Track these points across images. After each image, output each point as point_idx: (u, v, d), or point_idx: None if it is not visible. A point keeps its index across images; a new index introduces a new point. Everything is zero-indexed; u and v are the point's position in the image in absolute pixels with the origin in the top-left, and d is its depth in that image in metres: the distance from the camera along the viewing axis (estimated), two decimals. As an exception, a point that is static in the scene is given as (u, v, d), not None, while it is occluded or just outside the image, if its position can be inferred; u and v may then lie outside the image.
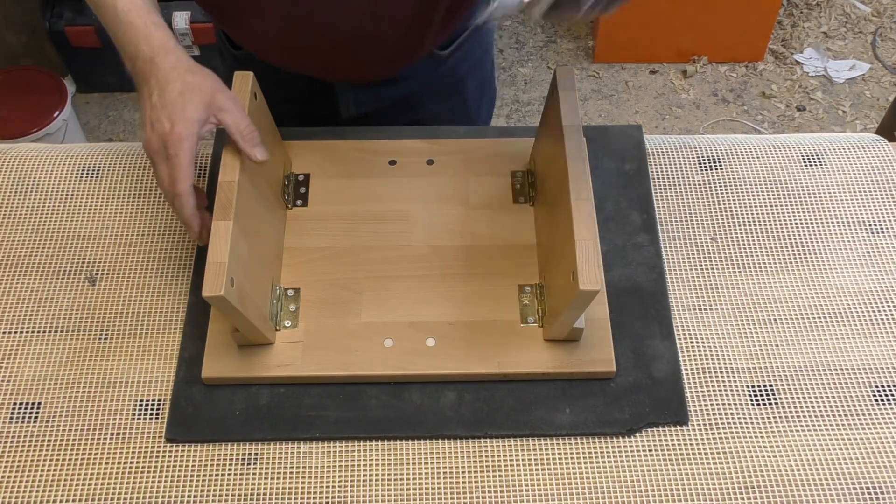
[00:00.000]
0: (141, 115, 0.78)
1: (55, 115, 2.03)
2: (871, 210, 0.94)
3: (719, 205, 0.94)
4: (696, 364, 0.83)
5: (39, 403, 0.81)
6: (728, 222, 0.93)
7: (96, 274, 0.89)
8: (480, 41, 1.11)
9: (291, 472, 0.77)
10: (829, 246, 0.91)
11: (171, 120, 0.74)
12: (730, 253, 0.91)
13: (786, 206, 0.94)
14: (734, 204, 0.95)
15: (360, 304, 0.85)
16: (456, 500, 0.75)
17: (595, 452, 0.78)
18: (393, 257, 0.88)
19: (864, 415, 0.80)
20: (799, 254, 0.90)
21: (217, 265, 0.70)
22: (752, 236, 0.92)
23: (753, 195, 0.95)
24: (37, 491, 0.76)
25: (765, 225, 0.93)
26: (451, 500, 0.75)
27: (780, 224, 0.93)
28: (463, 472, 0.77)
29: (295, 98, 1.07)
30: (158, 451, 0.78)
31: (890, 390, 0.82)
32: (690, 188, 0.96)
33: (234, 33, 1.02)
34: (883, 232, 0.92)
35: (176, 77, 0.76)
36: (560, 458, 0.78)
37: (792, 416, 0.80)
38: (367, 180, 0.94)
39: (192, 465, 0.77)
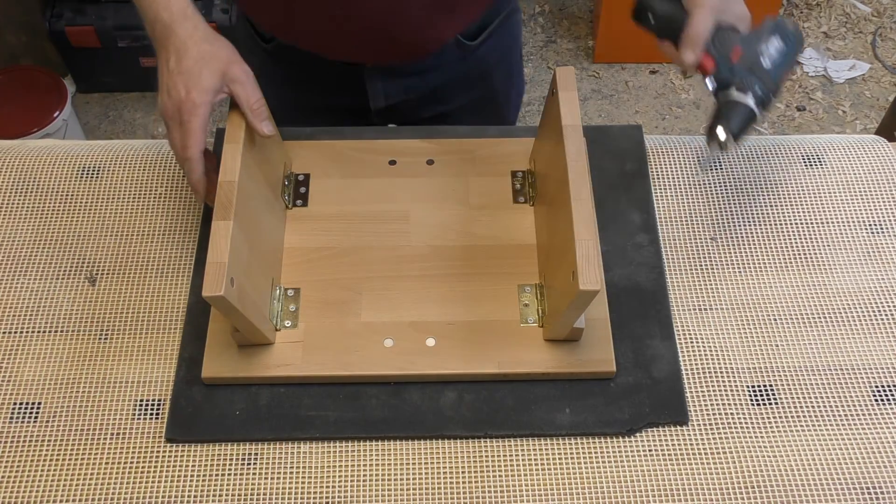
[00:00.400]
0: (158, 80, 0.80)
1: (55, 115, 2.03)
2: (871, 210, 0.94)
3: (719, 205, 0.94)
4: (696, 364, 0.83)
5: (39, 403, 0.81)
6: (728, 222, 0.93)
7: (96, 274, 0.89)
8: (509, 31, 1.10)
9: (291, 472, 0.77)
10: (829, 246, 0.91)
11: (187, 87, 0.76)
12: (730, 253, 0.91)
13: (786, 206, 0.94)
14: (734, 204, 0.95)
15: (360, 304, 0.85)
16: (456, 500, 0.75)
17: (595, 452, 0.78)
18: (393, 257, 0.88)
19: (864, 415, 0.80)
20: (799, 254, 0.91)
21: (217, 265, 0.70)
22: (752, 236, 0.92)
23: (753, 195, 0.95)
24: (37, 491, 0.76)
25: (765, 225, 0.93)
26: (451, 500, 0.75)
27: (781, 224, 0.93)
28: (463, 472, 0.77)
29: (325, 89, 1.07)
30: (158, 451, 0.78)
31: (890, 390, 0.82)
32: (690, 188, 0.96)
33: (260, 17, 1.02)
34: (883, 232, 0.92)
35: (193, 45, 0.78)
36: (560, 458, 0.78)
37: (792, 416, 0.80)
38: (367, 180, 0.94)
39: (192, 465, 0.77)
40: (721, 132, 0.80)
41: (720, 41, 0.82)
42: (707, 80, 0.84)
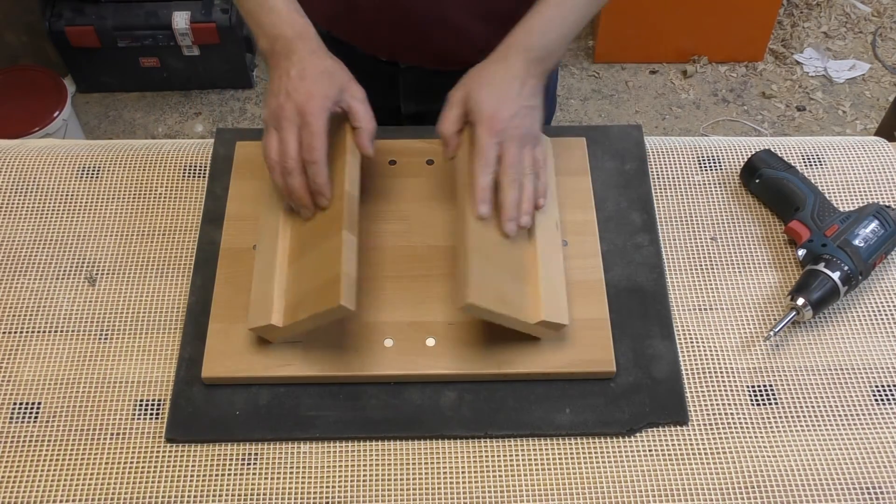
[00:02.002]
0: (271, 87, 0.82)
1: (55, 115, 2.03)
2: (871, 210, 0.94)
3: (719, 205, 0.94)
4: (696, 364, 0.83)
5: (39, 403, 0.81)
6: (728, 222, 0.93)
7: (96, 274, 0.89)
8: None
9: (291, 472, 0.77)
10: (829, 246, 0.91)
11: (310, 93, 0.79)
12: (730, 253, 0.91)
13: (786, 206, 0.94)
14: (734, 204, 0.95)
15: (360, 304, 0.84)
16: (456, 500, 0.75)
17: (595, 452, 0.78)
18: (393, 257, 0.88)
19: (864, 415, 0.80)
20: (799, 254, 0.90)
21: (348, 276, 0.74)
22: (752, 236, 0.92)
23: (754, 195, 0.95)
24: (37, 491, 0.76)
25: (765, 225, 0.93)
26: (451, 500, 0.75)
27: (781, 224, 0.93)
28: (463, 472, 0.77)
29: (360, 83, 1.07)
30: (158, 451, 0.78)
31: (890, 390, 0.82)
32: (690, 188, 0.96)
33: (305, 8, 1.03)
34: (883, 232, 0.92)
35: (318, 59, 0.82)
36: (560, 458, 0.78)
37: (792, 416, 0.80)
38: (367, 180, 0.94)
39: (192, 465, 0.77)
40: (801, 301, 0.83)
41: (819, 216, 0.87)
42: (799, 250, 0.87)
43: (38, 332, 0.85)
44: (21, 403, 0.81)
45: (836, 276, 0.83)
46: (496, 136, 0.78)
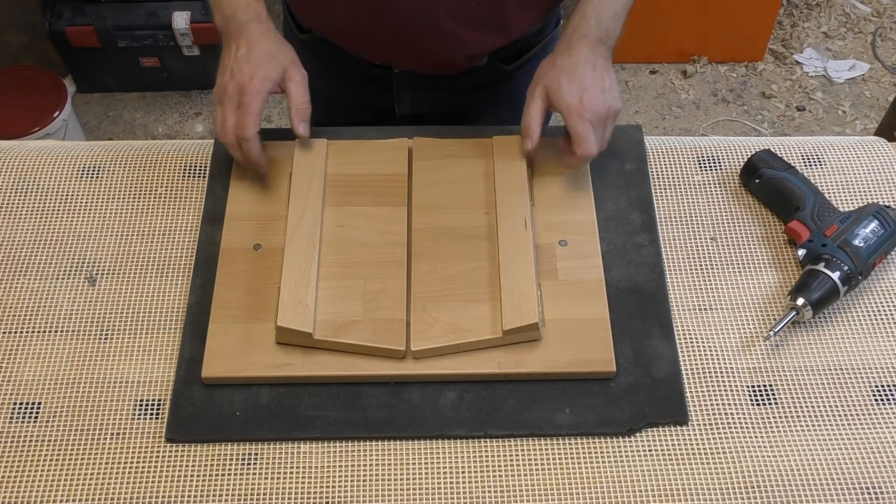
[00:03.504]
0: (220, 64, 0.89)
1: (55, 115, 2.03)
2: (871, 210, 0.94)
3: (719, 205, 0.94)
4: (696, 364, 0.83)
5: (39, 403, 0.81)
6: (728, 222, 0.93)
7: (96, 274, 0.89)
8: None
9: (291, 472, 0.77)
10: (829, 246, 0.91)
11: (252, 73, 0.85)
12: (730, 253, 0.91)
13: (786, 206, 0.94)
14: (734, 204, 0.95)
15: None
16: (456, 500, 0.75)
17: (595, 452, 0.78)
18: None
19: (864, 415, 0.80)
20: (799, 254, 0.90)
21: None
22: (752, 236, 0.92)
23: (753, 195, 0.95)
24: (37, 491, 0.76)
25: (765, 225, 0.93)
26: (451, 500, 0.75)
27: (781, 224, 0.93)
28: (463, 472, 0.77)
29: (354, 87, 1.09)
30: (158, 451, 0.78)
31: (890, 390, 0.82)
32: (690, 188, 0.96)
33: (300, 7, 1.03)
34: (883, 232, 0.92)
35: (264, 42, 0.88)
36: (560, 458, 0.78)
37: (792, 416, 0.80)
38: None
39: (192, 465, 0.77)
40: (800, 301, 0.83)
41: (819, 216, 0.87)
42: (798, 250, 0.87)
43: (38, 332, 0.85)
44: (21, 403, 0.81)
45: (835, 276, 0.83)
46: (585, 120, 0.84)
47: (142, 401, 0.81)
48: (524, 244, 0.84)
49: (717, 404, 0.81)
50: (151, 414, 0.80)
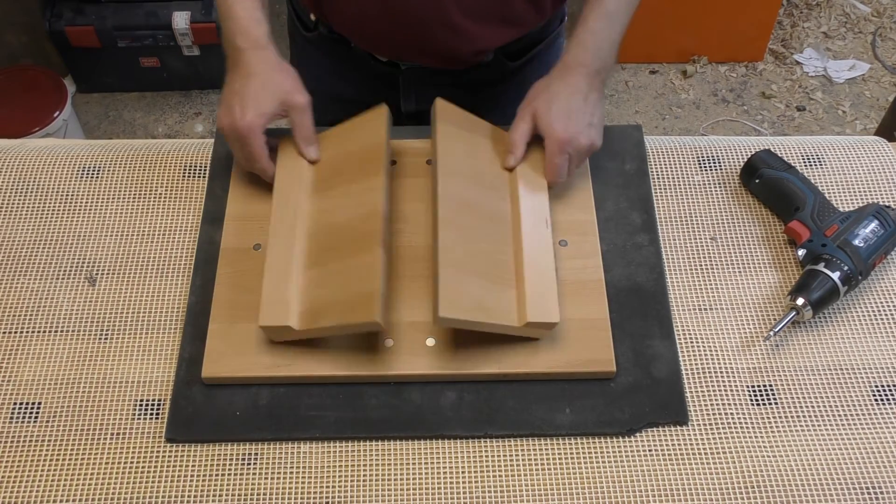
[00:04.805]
0: (222, 93, 0.88)
1: (55, 115, 2.03)
2: (871, 210, 0.94)
3: (719, 205, 0.94)
4: (696, 364, 0.83)
5: (39, 403, 0.81)
6: (728, 222, 0.93)
7: (96, 274, 0.89)
8: (553, 56, 1.11)
9: (291, 472, 0.77)
10: (829, 246, 0.91)
11: (244, 108, 0.84)
12: (730, 253, 0.91)
13: (786, 206, 0.94)
14: (734, 204, 0.95)
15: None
16: (456, 500, 0.75)
17: (595, 452, 0.78)
18: (393, 257, 0.88)
19: (864, 415, 0.80)
20: (799, 254, 0.90)
21: (383, 294, 0.76)
22: (752, 236, 0.92)
23: (753, 195, 0.95)
24: (37, 491, 0.76)
25: (765, 225, 0.93)
26: (451, 500, 0.75)
27: (780, 224, 0.93)
28: (463, 472, 0.77)
29: (359, 83, 1.08)
30: (158, 451, 0.78)
31: (890, 390, 0.82)
32: (690, 188, 0.96)
33: (309, 2, 1.03)
34: (883, 232, 0.92)
35: (261, 72, 0.86)
36: (560, 458, 0.78)
37: (792, 416, 0.80)
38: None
39: (192, 465, 0.77)
40: (800, 301, 0.83)
41: (819, 216, 0.87)
42: (798, 250, 0.87)
43: (38, 332, 0.85)
44: (21, 403, 0.81)
45: (835, 276, 0.83)
46: (565, 152, 0.86)
47: (142, 401, 0.81)
48: (546, 242, 0.84)
49: (717, 404, 0.81)
50: (151, 414, 0.80)
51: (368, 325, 0.76)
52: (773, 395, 0.81)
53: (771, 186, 0.92)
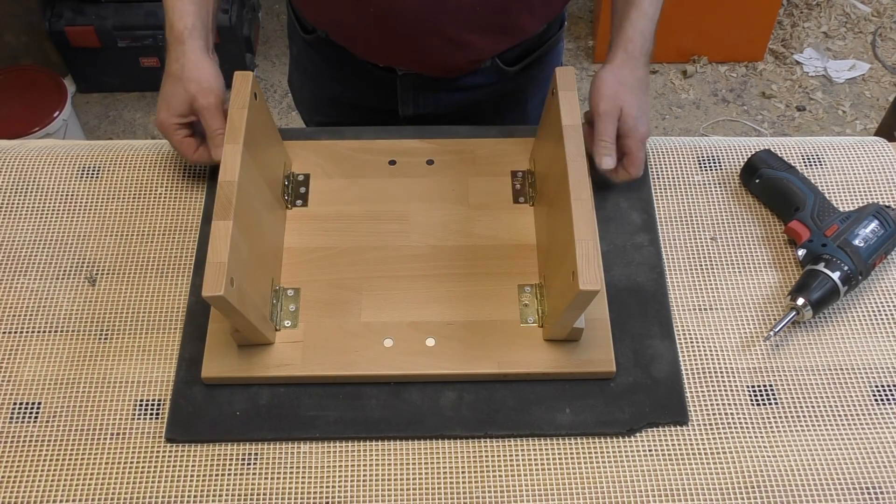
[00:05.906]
0: None
1: (55, 115, 2.03)
2: (871, 210, 0.94)
3: (719, 205, 0.94)
4: (696, 364, 0.83)
5: (39, 403, 0.81)
6: (728, 222, 0.93)
7: (96, 274, 0.89)
8: (550, 62, 1.11)
9: (291, 472, 0.77)
10: (829, 246, 0.91)
11: (160, 109, 0.88)
12: (730, 253, 0.91)
13: (786, 206, 0.94)
14: (734, 204, 0.95)
15: (359, 304, 0.85)
16: (456, 500, 0.75)
17: (595, 452, 0.78)
18: (393, 257, 0.88)
19: (864, 415, 0.80)
20: (799, 254, 0.90)
21: (217, 265, 0.71)
22: (752, 236, 0.92)
23: (753, 195, 0.95)
24: (37, 491, 0.76)
25: (765, 225, 0.93)
26: (451, 500, 0.75)
27: (780, 224, 0.93)
28: (463, 472, 0.77)
29: (357, 87, 1.08)
30: (158, 451, 0.78)
31: (890, 390, 0.82)
32: (690, 188, 0.96)
33: (305, 7, 1.03)
34: (883, 232, 0.92)
35: (174, 72, 0.87)
36: (560, 458, 0.78)
37: (792, 416, 0.80)
38: (367, 180, 0.94)
39: (192, 465, 0.77)
40: (800, 301, 0.83)
41: (819, 216, 0.87)
42: (798, 250, 0.87)
43: (38, 332, 0.85)
44: (21, 403, 0.81)
45: (836, 276, 0.83)
46: (645, 146, 0.90)
47: (142, 401, 0.81)
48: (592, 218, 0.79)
49: (717, 404, 0.81)
50: (151, 414, 0.80)
51: (213, 301, 0.70)
52: (774, 395, 0.81)
53: (771, 186, 0.92)
